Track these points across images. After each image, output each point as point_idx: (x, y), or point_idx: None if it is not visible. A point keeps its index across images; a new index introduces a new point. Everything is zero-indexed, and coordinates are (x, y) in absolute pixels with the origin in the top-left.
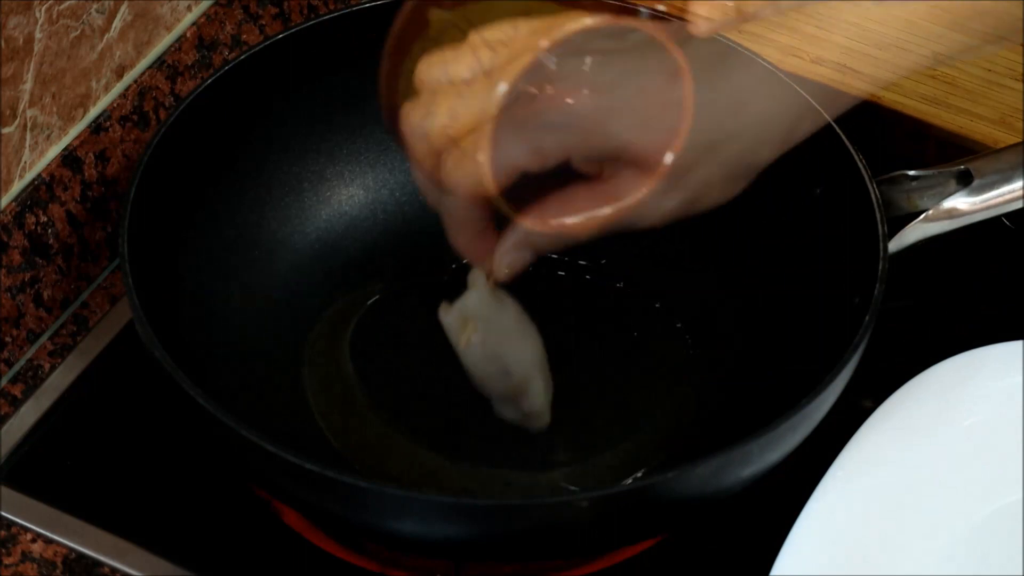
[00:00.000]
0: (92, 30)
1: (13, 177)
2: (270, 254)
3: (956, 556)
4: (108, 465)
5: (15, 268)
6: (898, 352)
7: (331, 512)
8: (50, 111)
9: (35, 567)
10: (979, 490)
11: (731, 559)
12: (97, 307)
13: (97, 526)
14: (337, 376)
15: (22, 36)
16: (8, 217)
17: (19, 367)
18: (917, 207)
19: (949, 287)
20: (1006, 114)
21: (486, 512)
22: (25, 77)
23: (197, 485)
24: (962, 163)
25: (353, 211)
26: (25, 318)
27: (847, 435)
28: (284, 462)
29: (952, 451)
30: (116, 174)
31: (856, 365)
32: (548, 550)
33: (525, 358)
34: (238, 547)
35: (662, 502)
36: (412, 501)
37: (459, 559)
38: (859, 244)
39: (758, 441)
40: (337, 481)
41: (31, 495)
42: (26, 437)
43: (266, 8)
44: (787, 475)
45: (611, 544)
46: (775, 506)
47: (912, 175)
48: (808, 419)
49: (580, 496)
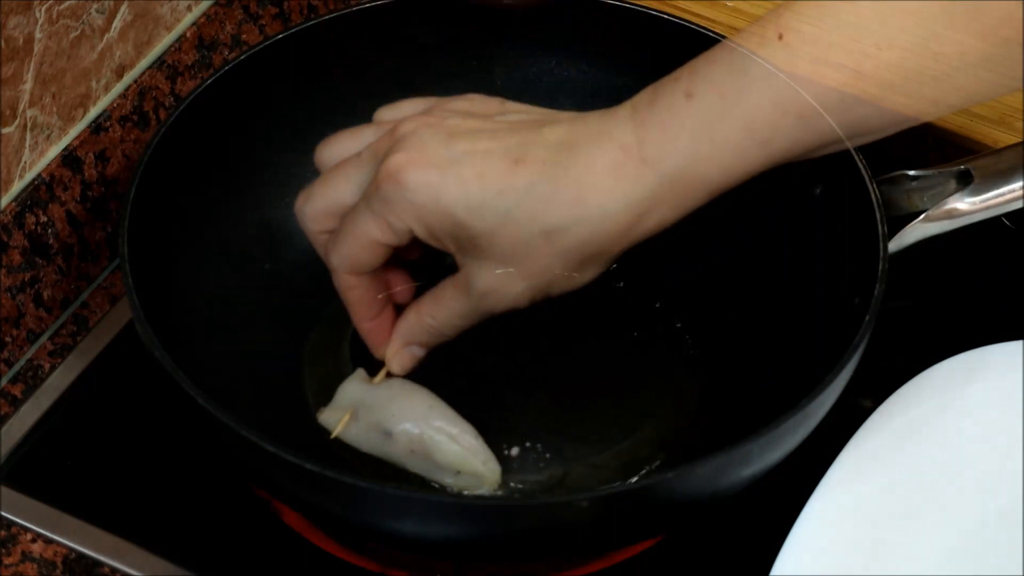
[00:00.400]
0: (92, 30)
1: (13, 177)
2: (270, 254)
3: (956, 556)
4: (108, 465)
5: (15, 268)
6: (898, 352)
7: (331, 512)
8: (50, 111)
9: (35, 567)
10: (979, 490)
11: (731, 559)
12: (97, 307)
13: (97, 526)
14: (337, 376)
15: (22, 36)
16: (8, 217)
17: (19, 367)
18: (917, 207)
19: (949, 287)
20: (1006, 114)
21: (486, 512)
22: (25, 77)
23: (197, 485)
24: (962, 163)
25: None
26: (25, 318)
27: (847, 435)
28: (284, 462)
29: (952, 451)
30: (116, 174)
31: (856, 365)
32: (548, 550)
33: (408, 415)
34: (238, 547)
35: (662, 502)
36: (412, 501)
37: (459, 559)
38: (859, 244)
39: (758, 441)
40: (337, 481)
41: (31, 495)
42: (26, 437)
43: (266, 8)
44: (787, 475)
45: (611, 544)
46: (775, 506)
47: (912, 175)
48: (808, 419)
49: (580, 496)
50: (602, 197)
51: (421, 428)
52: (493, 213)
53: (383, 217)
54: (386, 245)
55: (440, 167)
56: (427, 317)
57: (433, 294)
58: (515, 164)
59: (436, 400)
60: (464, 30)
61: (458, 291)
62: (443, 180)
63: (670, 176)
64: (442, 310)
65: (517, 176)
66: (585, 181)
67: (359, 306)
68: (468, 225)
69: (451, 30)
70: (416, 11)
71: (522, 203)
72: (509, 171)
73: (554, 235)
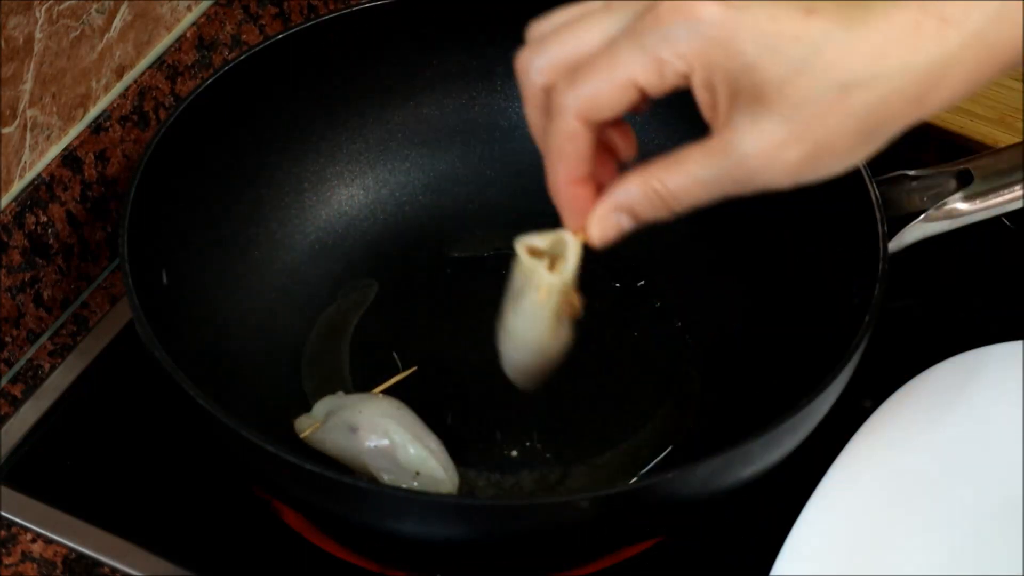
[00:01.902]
0: (92, 30)
1: (13, 177)
2: (270, 254)
3: (956, 556)
4: (108, 465)
5: (15, 268)
6: (898, 352)
7: (331, 512)
8: (50, 111)
9: (35, 567)
10: (979, 490)
11: (731, 559)
12: (97, 307)
13: (97, 526)
14: (337, 376)
15: (22, 36)
16: (8, 217)
17: (19, 367)
18: (917, 207)
19: (949, 287)
20: (1006, 114)
21: (486, 512)
22: (25, 77)
23: (197, 485)
24: (962, 163)
25: (353, 211)
26: (25, 318)
27: (847, 435)
28: (284, 462)
29: (952, 451)
30: (116, 174)
31: (856, 365)
32: (548, 550)
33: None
34: (238, 547)
35: (662, 502)
36: (412, 501)
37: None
38: (859, 244)
39: (758, 441)
40: (337, 481)
41: (31, 495)
42: (26, 437)
43: (266, 8)
44: (787, 475)
45: (611, 544)
46: (775, 506)
47: (912, 175)
48: (808, 419)
49: (580, 496)
50: (904, 52)
51: (387, 425)
52: (788, 59)
53: (656, 54)
54: (642, 89)
55: (734, 6)
56: (655, 182)
57: (668, 158)
58: (808, 13)
59: (405, 407)
60: (464, 30)
61: (710, 152)
62: (739, 19)
63: (972, 36)
64: (679, 175)
65: (812, 24)
66: (886, 34)
67: (571, 160)
68: (759, 69)
69: (451, 30)
70: (416, 11)
71: (821, 51)
72: (803, 19)
73: (852, 88)
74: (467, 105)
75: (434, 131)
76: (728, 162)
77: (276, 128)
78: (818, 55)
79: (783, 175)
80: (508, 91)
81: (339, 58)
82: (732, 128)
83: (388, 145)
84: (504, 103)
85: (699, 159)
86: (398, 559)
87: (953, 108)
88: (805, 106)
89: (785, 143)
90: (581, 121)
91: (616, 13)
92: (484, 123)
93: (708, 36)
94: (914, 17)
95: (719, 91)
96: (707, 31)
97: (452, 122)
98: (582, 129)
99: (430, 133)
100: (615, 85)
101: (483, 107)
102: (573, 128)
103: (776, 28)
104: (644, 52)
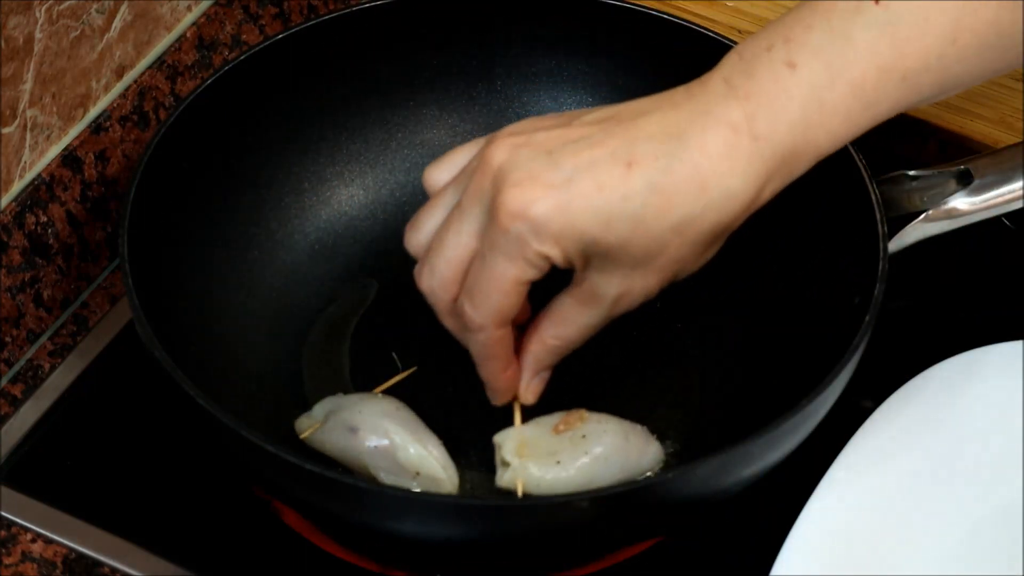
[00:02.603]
0: (92, 30)
1: (13, 177)
2: (270, 254)
3: (956, 556)
4: (108, 465)
5: (15, 268)
6: (898, 352)
7: (331, 512)
8: (50, 111)
9: (35, 567)
10: (979, 490)
11: (731, 559)
12: (97, 307)
13: (97, 526)
14: (337, 376)
15: (22, 36)
16: (8, 217)
17: (19, 367)
18: (917, 207)
19: (949, 287)
20: (1006, 114)
21: (486, 512)
22: (25, 77)
23: (197, 485)
24: (962, 163)
25: (353, 211)
26: (25, 318)
27: (847, 435)
28: (284, 462)
29: (952, 451)
30: (116, 174)
31: (856, 365)
32: (548, 550)
33: (376, 412)
34: (238, 547)
35: (662, 502)
36: (412, 501)
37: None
38: (859, 244)
39: (758, 441)
40: (337, 481)
41: (31, 495)
42: (26, 437)
43: (266, 8)
44: (787, 475)
45: (612, 544)
46: (775, 506)
47: (912, 175)
48: (808, 419)
49: (580, 496)
50: (723, 180)
51: (386, 425)
52: (623, 220)
53: (519, 257)
54: (527, 283)
55: (559, 188)
56: (551, 340)
57: (551, 316)
58: (628, 167)
59: (405, 407)
60: (464, 30)
61: (585, 304)
62: (569, 201)
63: (783, 148)
64: (568, 327)
65: (634, 178)
66: (703, 167)
67: (503, 357)
68: (601, 240)
69: (451, 30)
70: (416, 11)
71: (648, 203)
72: (625, 175)
73: (684, 226)
74: (467, 105)
75: (434, 131)
76: (603, 307)
77: (276, 128)
78: (647, 207)
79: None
80: (508, 91)
81: (339, 58)
82: (591, 282)
83: (388, 145)
84: (504, 103)
85: (579, 309)
86: (398, 559)
87: (953, 108)
88: (649, 254)
89: (643, 279)
90: (498, 327)
91: (468, 213)
92: (484, 123)
93: (552, 232)
94: (727, 139)
95: (575, 261)
96: (548, 229)
97: (452, 122)
98: (503, 331)
99: (430, 133)
100: (505, 292)
101: (483, 107)
102: (496, 335)
103: (603, 198)
104: (510, 259)
